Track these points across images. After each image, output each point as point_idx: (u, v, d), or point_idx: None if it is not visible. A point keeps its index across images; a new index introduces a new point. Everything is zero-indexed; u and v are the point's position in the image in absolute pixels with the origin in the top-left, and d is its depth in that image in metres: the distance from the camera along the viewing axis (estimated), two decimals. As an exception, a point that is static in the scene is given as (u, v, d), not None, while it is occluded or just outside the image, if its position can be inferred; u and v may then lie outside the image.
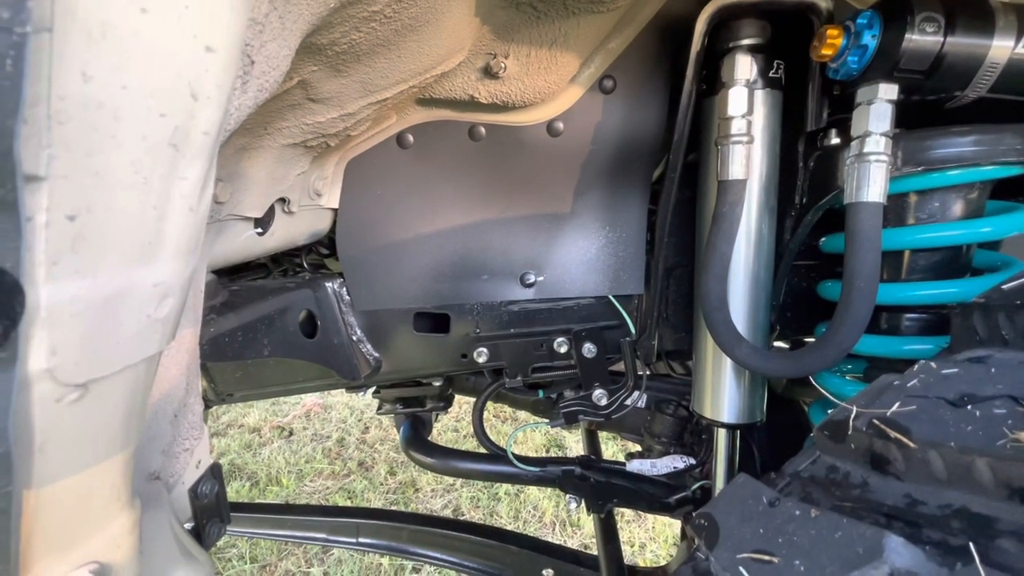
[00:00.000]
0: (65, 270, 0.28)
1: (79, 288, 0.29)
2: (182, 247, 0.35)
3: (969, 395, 0.34)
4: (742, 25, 0.78)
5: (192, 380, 0.62)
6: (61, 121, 0.25)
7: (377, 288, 1.07)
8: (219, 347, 0.99)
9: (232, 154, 0.68)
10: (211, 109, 0.32)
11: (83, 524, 0.34)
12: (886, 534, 0.29)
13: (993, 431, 0.31)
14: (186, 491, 0.62)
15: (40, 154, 0.25)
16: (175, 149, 0.30)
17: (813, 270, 1.07)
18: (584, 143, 0.97)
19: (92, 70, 0.25)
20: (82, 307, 0.29)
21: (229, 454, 3.53)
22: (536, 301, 1.11)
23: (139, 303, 0.33)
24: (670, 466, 1.22)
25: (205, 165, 0.34)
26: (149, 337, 0.35)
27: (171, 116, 0.30)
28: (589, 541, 2.73)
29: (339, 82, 0.65)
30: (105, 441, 0.35)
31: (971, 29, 0.64)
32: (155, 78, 0.28)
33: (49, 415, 0.30)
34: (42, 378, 0.29)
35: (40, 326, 0.27)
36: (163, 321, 0.36)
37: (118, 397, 0.35)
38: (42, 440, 0.29)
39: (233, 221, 0.75)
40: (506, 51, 0.80)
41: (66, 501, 0.33)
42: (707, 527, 0.37)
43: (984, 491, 0.30)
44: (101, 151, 0.28)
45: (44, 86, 0.24)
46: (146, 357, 0.36)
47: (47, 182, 0.26)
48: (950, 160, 0.70)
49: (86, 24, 0.24)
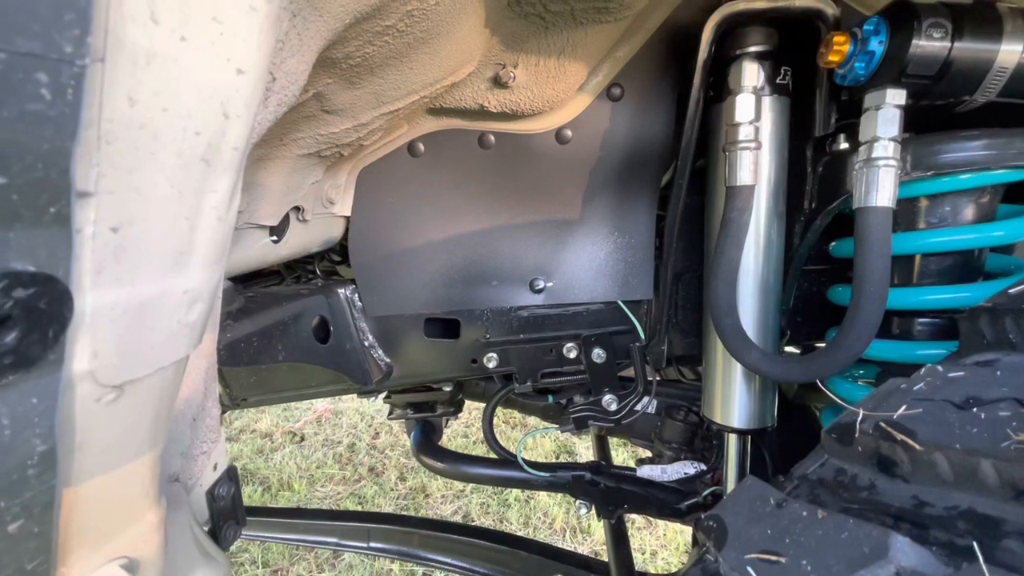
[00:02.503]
0: (107, 278, 0.30)
1: (119, 295, 0.31)
2: (211, 255, 0.37)
3: (975, 398, 0.34)
4: (749, 32, 0.79)
5: (210, 384, 0.64)
6: (109, 141, 0.27)
7: (388, 294, 1.09)
8: (235, 352, 1.01)
9: (249, 164, 0.70)
10: (240, 126, 0.34)
11: (115, 519, 0.36)
12: (891, 534, 0.29)
13: (998, 433, 0.31)
14: (204, 493, 0.63)
15: (90, 172, 0.26)
16: (207, 164, 0.32)
17: (823, 275, 1.07)
18: (593, 150, 0.98)
19: (137, 94, 0.27)
20: (121, 312, 0.31)
21: (241, 459, 3.57)
22: (545, 307, 1.12)
23: (171, 309, 0.35)
24: (681, 472, 1.22)
25: (233, 178, 0.36)
26: (179, 341, 0.37)
27: (204, 134, 0.32)
28: (600, 548, 2.71)
29: (353, 94, 0.66)
30: (137, 440, 0.36)
31: (978, 34, 0.64)
32: (192, 100, 0.30)
33: (89, 415, 0.31)
34: (84, 379, 0.31)
35: (84, 331, 0.29)
36: (192, 326, 0.38)
37: (149, 398, 0.36)
38: (82, 438, 0.31)
39: (249, 229, 0.77)
40: (515, 61, 0.82)
41: (100, 497, 0.34)
42: (716, 528, 0.38)
43: (990, 492, 0.30)
44: (142, 168, 0.29)
45: (96, 110, 0.25)
46: (176, 360, 0.37)
47: (95, 197, 0.27)
48: (960, 164, 0.70)
49: (133, 53, 0.26)
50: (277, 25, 0.34)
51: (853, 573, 0.28)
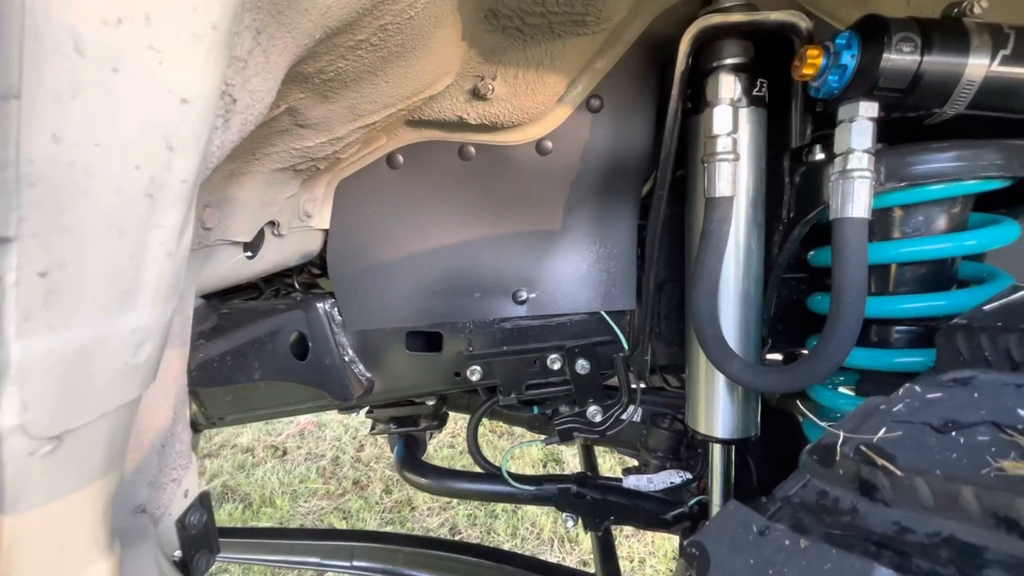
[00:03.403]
0: (37, 326, 0.28)
1: (52, 342, 0.29)
2: (161, 292, 0.35)
3: (953, 421, 0.34)
4: (725, 45, 0.80)
5: (179, 408, 0.61)
6: (31, 183, 0.25)
7: (369, 308, 1.07)
8: (208, 373, 0.98)
9: (220, 180, 0.68)
10: (188, 158, 0.32)
11: (59, 571, 0.34)
12: (875, 566, 0.29)
13: (977, 459, 0.31)
14: (173, 523, 0.61)
15: (9, 216, 0.24)
16: (151, 199, 0.30)
17: (803, 283, 1.08)
18: (573, 161, 0.98)
19: (62, 131, 0.25)
20: (55, 361, 0.29)
21: (222, 475, 3.48)
22: (528, 318, 1.11)
23: (116, 351, 0.33)
24: (667, 481, 1.21)
25: (183, 210, 0.34)
26: (127, 383, 0.35)
27: (146, 168, 0.30)
28: (588, 557, 2.70)
29: (327, 108, 0.65)
30: (82, 487, 0.34)
31: (947, 48, 0.66)
32: (128, 134, 0.28)
33: (22, 469, 0.29)
34: (13, 433, 0.29)
35: (11, 382, 0.27)
36: (142, 366, 0.36)
37: (95, 444, 0.34)
38: (15, 495, 0.29)
39: (222, 246, 0.75)
40: (493, 73, 0.81)
41: (42, 550, 0.32)
42: (698, 556, 0.37)
43: (971, 520, 0.30)
44: (73, 208, 0.27)
45: (12, 150, 0.24)
46: (125, 403, 0.35)
47: (16, 242, 0.25)
48: (932, 175, 0.71)
49: (56, 88, 0.24)
50: (227, 49, 0.32)
51: None
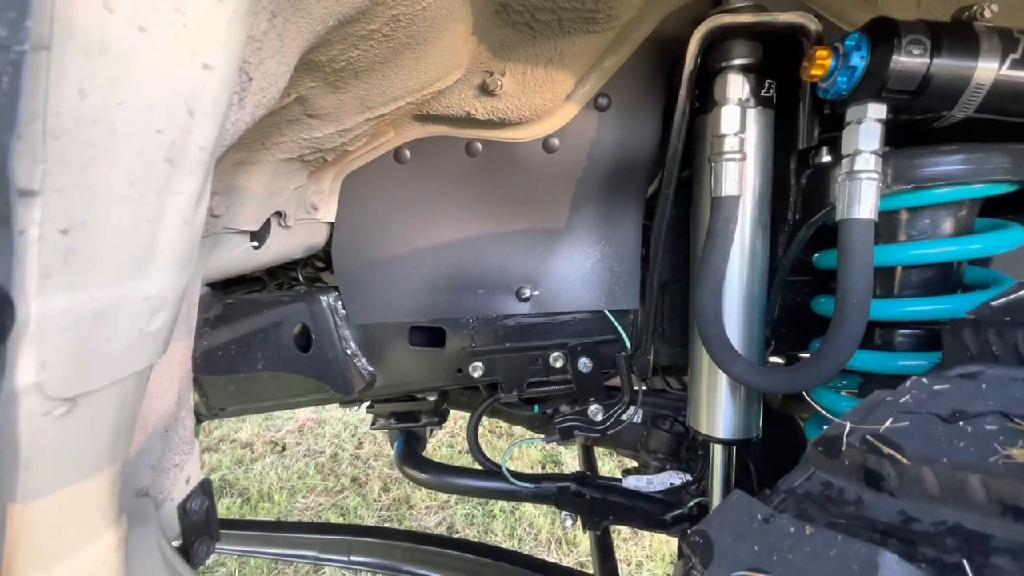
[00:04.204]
0: (56, 284, 0.28)
1: (70, 302, 0.29)
2: (176, 260, 0.35)
3: (961, 411, 0.34)
4: (734, 45, 0.80)
5: (184, 394, 0.62)
6: (56, 136, 0.25)
7: (372, 302, 1.07)
8: (212, 361, 0.99)
9: (229, 168, 0.68)
10: (207, 125, 0.32)
11: (67, 541, 0.34)
12: (881, 551, 0.29)
13: (985, 447, 0.31)
14: (175, 508, 0.61)
15: (35, 169, 0.25)
16: (171, 164, 0.31)
17: (807, 285, 1.08)
18: (579, 159, 0.98)
19: (88, 87, 0.26)
20: (72, 321, 0.29)
21: (220, 469, 3.48)
22: (532, 315, 1.11)
23: (130, 317, 0.33)
24: (666, 482, 1.21)
25: (201, 179, 0.34)
26: (140, 351, 0.35)
27: (167, 132, 0.30)
28: (585, 559, 2.69)
29: (337, 98, 0.65)
30: (93, 456, 0.34)
31: (956, 51, 0.66)
32: (152, 95, 0.29)
33: (36, 429, 0.29)
34: (30, 392, 0.29)
35: (29, 340, 0.27)
36: (155, 335, 0.36)
37: (107, 412, 0.34)
38: (28, 455, 0.29)
39: (229, 235, 0.75)
40: (502, 69, 0.81)
41: (51, 517, 0.32)
42: (702, 544, 0.37)
43: (978, 508, 0.30)
44: (96, 166, 0.28)
45: (40, 102, 0.24)
46: (136, 371, 0.35)
47: (41, 196, 0.26)
48: (939, 178, 0.71)
49: (84, 42, 0.25)
50: (248, 21, 0.32)
51: None
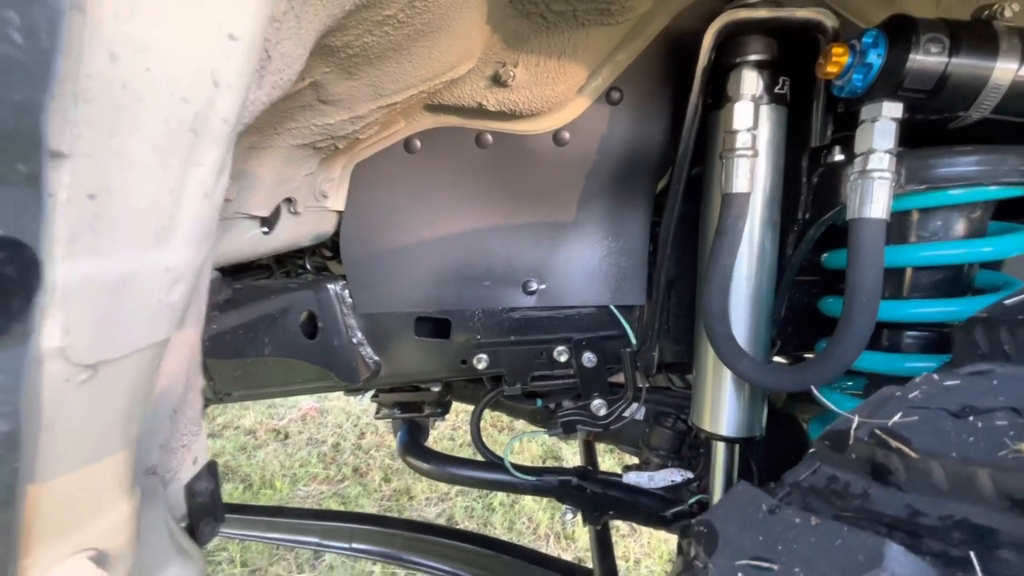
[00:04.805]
0: (82, 248, 0.28)
1: (95, 268, 0.29)
2: (195, 233, 0.35)
3: (971, 407, 0.34)
4: (749, 41, 0.79)
5: (193, 376, 0.62)
6: (87, 99, 0.26)
7: (379, 291, 1.07)
8: (220, 344, 0.99)
9: (241, 152, 0.69)
10: (231, 97, 0.32)
11: (85, 509, 0.34)
12: (887, 542, 0.29)
13: (995, 442, 0.30)
14: (182, 487, 0.62)
15: (65, 131, 0.25)
16: (194, 134, 0.31)
17: (814, 286, 1.07)
18: (590, 153, 0.98)
19: (119, 50, 0.26)
20: (96, 287, 0.30)
21: (224, 456, 3.51)
22: (537, 309, 1.11)
23: (151, 287, 0.33)
24: (668, 479, 1.21)
25: (222, 152, 0.35)
26: (159, 322, 0.35)
27: (192, 101, 0.30)
28: (583, 554, 2.70)
29: (350, 85, 0.65)
30: (110, 426, 0.35)
31: (975, 51, 0.65)
32: (179, 62, 0.29)
33: (58, 395, 0.30)
34: (54, 356, 0.29)
35: (55, 303, 0.27)
36: (173, 307, 0.36)
37: (125, 382, 0.35)
38: (49, 420, 0.29)
39: (239, 219, 0.76)
40: (515, 60, 0.81)
41: (70, 485, 0.33)
42: (706, 534, 0.37)
43: (985, 502, 0.30)
44: (123, 132, 0.28)
45: (74, 63, 0.24)
46: (154, 342, 0.36)
47: (70, 160, 0.26)
48: (953, 179, 0.71)
49: (116, 4, 0.25)
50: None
51: None
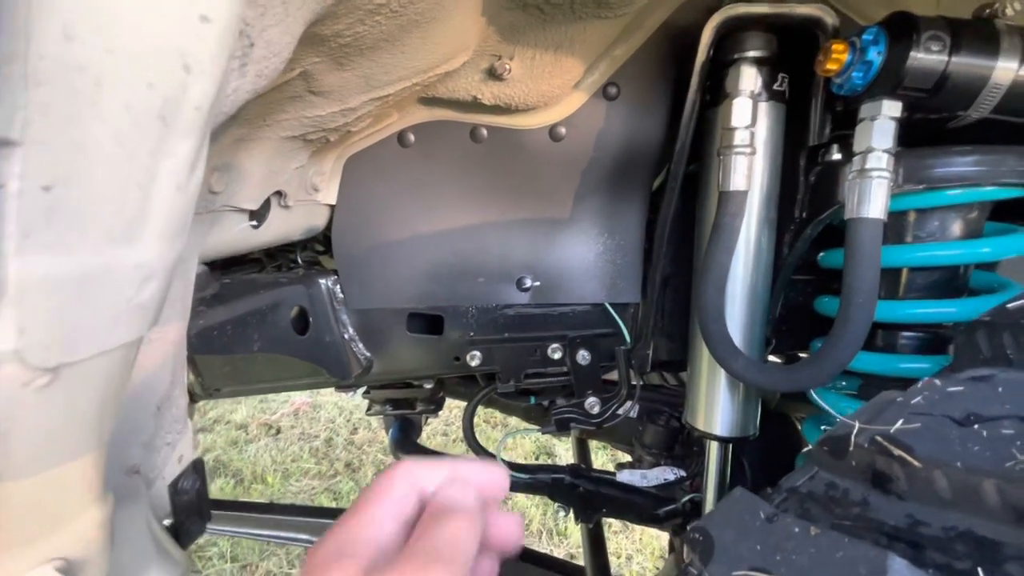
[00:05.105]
0: (37, 244, 0.27)
1: (52, 264, 0.28)
2: (168, 228, 0.33)
3: (975, 414, 0.33)
4: (748, 37, 0.78)
5: (177, 372, 0.61)
6: (39, 82, 0.24)
7: (371, 287, 1.06)
8: (207, 340, 0.98)
9: (229, 145, 0.67)
10: (205, 82, 0.30)
11: (50, 517, 0.33)
12: (890, 555, 0.28)
13: (1001, 452, 0.30)
14: (166, 487, 0.60)
15: (15, 116, 0.23)
16: (163, 123, 0.29)
17: (809, 285, 1.07)
18: (586, 149, 0.97)
19: (75, 30, 0.24)
20: (55, 285, 0.28)
21: (214, 450, 3.49)
22: (532, 306, 1.10)
23: (118, 285, 0.32)
24: (660, 478, 1.21)
25: (196, 142, 0.33)
26: (128, 322, 0.34)
27: (160, 87, 0.28)
28: (576, 551, 2.71)
29: (341, 76, 0.64)
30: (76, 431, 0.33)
31: (976, 50, 0.64)
32: (144, 44, 0.27)
33: (15, 401, 0.28)
34: (8, 360, 0.28)
35: (8, 303, 0.25)
36: (143, 306, 0.35)
37: (92, 385, 0.33)
38: (6, 428, 0.28)
39: (228, 212, 0.74)
40: (511, 53, 0.80)
41: (32, 493, 0.31)
42: (701, 542, 0.36)
43: (990, 514, 0.29)
44: (81, 119, 0.26)
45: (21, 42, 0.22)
46: (123, 343, 0.34)
47: (21, 148, 0.24)
48: (951, 179, 0.70)
49: None
50: None
51: None
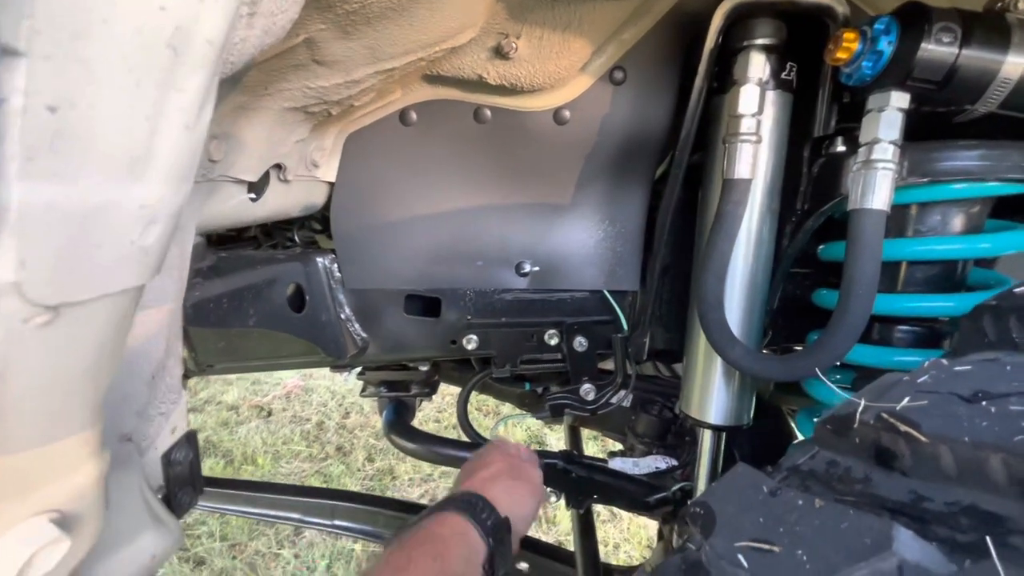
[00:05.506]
0: (41, 169, 0.25)
1: (56, 194, 0.26)
2: (174, 170, 0.32)
3: (983, 392, 0.33)
4: (758, 24, 0.78)
5: (172, 342, 0.60)
6: None
7: (369, 267, 1.05)
8: (203, 312, 0.97)
9: (229, 112, 0.66)
10: (217, 14, 0.29)
11: (45, 467, 0.32)
12: (896, 526, 0.28)
13: (1011, 427, 0.30)
14: (159, 456, 0.60)
15: (20, 24, 0.22)
16: (174, 52, 0.28)
17: (807, 278, 1.07)
18: (590, 134, 0.96)
19: None
20: (59, 216, 0.27)
21: (205, 430, 3.48)
22: (530, 291, 1.10)
23: (122, 225, 0.31)
24: (652, 466, 1.22)
25: (206, 80, 0.31)
26: (132, 266, 0.32)
27: (172, 11, 0.27)
28: (564, 538, 2.74)
29: (346, 45, 0.62)
30: (76, 379, 0.32)
31: (986, 43, 0.64)
32: None
33: (14, 338, 0.27)
34: (8, 292, 0.26)
35: (9, 231, 0.24)
36: (147, 251, 0.33)
37: (93, 330, 0.32)
38: (3, 367, 0.27)
39: (226, 183, 0.73)
40: (519, 31, 0.79)
41: (28, 440, 0.30)
42: (703, 515, 0.36)
43: (996, 489, 0.29)
44: (89, 36, 0.25)
45: None
46: (126, 288, 0.33)
47: (26, 60, 0.23)
48: (956, 173, 0.70)
49: None
50: None
51: (854, 565, 0.27)
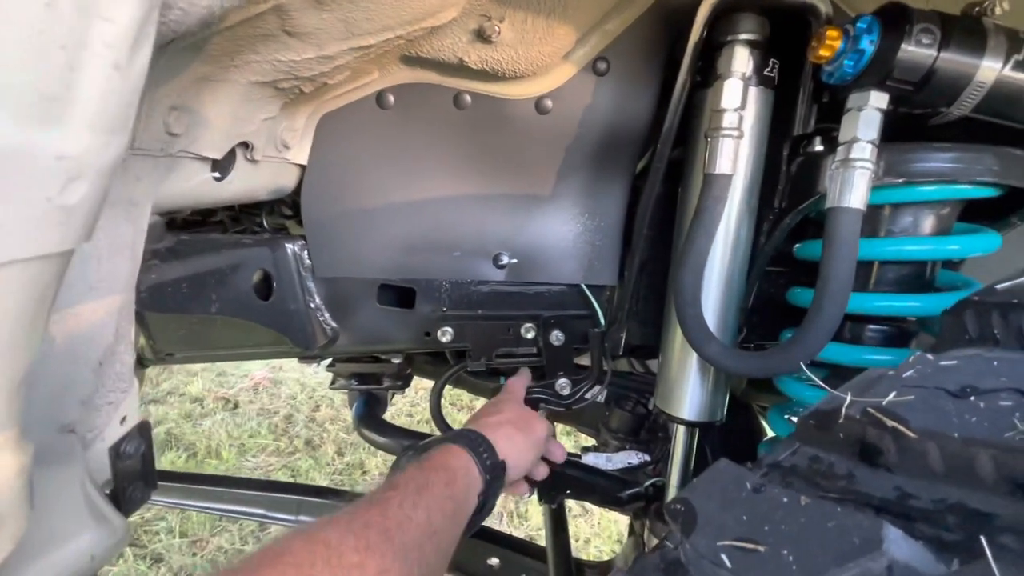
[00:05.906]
0: None
1: None
2: (103, 118, 0.28)
3: (971, 386, 0.33)
4: (743, 18, 0.77)
5: (123, 326, 0.56)
6: None
7: (341, 255, 1.01)
8: (160, 297, 0.91)
9: (192, 83, 0.61)
10: None
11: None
12: (885, 525, 0.28)
13: (1000, 423, 0.30)
14: (106, 449, 0.56)
15: None
16: None
17: (782, 276, 1.09)
18: (572, 124, 0.94)
19: None
20: None
21: (167, 422, 3.35)
22: (507, 284, 1.08)
23: (36, 178, 0.26)
24: (625, 461, 1.22)
25: (139, 11, 0.27)
26: (49, 227, 0.28)
27: None
28: (535, 533, 2.74)
29: (320, 16, 0.59)
30: None
31: (963, 46, 0.65)
32: None
33: None
34: None
35: None
36: (69, 211, 0.29)
37: (2, 301, 0.28)
38: None
39: (187, 159, 0.68)
40: (502, 15, 0.76)
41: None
42: (683, 512, 0.35)
43: (984, 486, 0.29)
44: None
45: None
46: (43, 254, 0.29)
47: None
48: (930, 174, 0.71)
49: None
50: None
51: (842, 565, 0.27)
